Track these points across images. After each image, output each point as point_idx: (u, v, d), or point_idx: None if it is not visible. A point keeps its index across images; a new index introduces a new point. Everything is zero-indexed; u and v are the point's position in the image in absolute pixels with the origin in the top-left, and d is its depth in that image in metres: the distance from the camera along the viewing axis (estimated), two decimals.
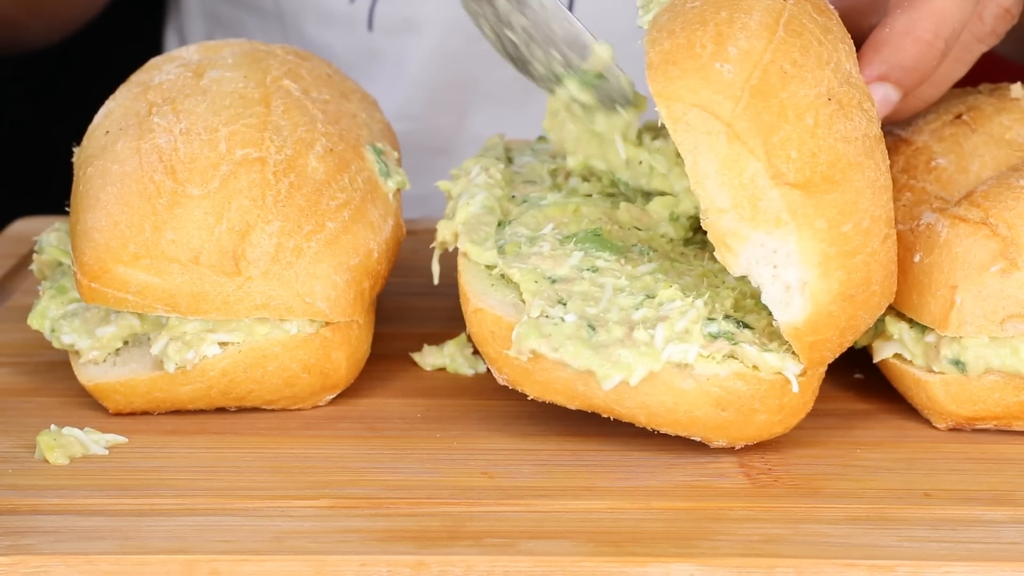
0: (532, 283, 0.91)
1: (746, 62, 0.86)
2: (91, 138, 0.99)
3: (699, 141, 0.85)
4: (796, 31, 0.88)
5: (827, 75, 0.87)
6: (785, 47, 0.87)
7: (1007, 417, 0.94)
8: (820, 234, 0.86)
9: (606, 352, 0.87)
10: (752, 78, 0.86)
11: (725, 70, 0.86)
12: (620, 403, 0.89)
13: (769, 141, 0.85)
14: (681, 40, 0.87)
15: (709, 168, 0.85)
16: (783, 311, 0.87)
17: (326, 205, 0.95)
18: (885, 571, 0.80)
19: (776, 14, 0.88)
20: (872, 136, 0.88)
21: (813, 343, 0.87)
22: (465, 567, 0.80)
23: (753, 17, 0.88)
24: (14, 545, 0.81)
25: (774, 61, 0.86)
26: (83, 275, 0.93)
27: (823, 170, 0.86)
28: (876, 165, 0.88)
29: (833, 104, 0.87)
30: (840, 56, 0.89)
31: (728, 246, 0.86)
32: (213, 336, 0.94)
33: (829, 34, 0.90)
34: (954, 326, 0.92)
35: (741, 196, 0.85)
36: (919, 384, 0.95)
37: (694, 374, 0.88)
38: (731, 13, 0.88)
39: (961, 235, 0.93)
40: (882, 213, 0.88)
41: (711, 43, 0.86)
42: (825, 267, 0.86)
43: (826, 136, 0.86)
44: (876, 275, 0.88)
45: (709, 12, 0.88)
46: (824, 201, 0.86)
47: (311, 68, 1.04)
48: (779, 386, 0.88)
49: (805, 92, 0.86)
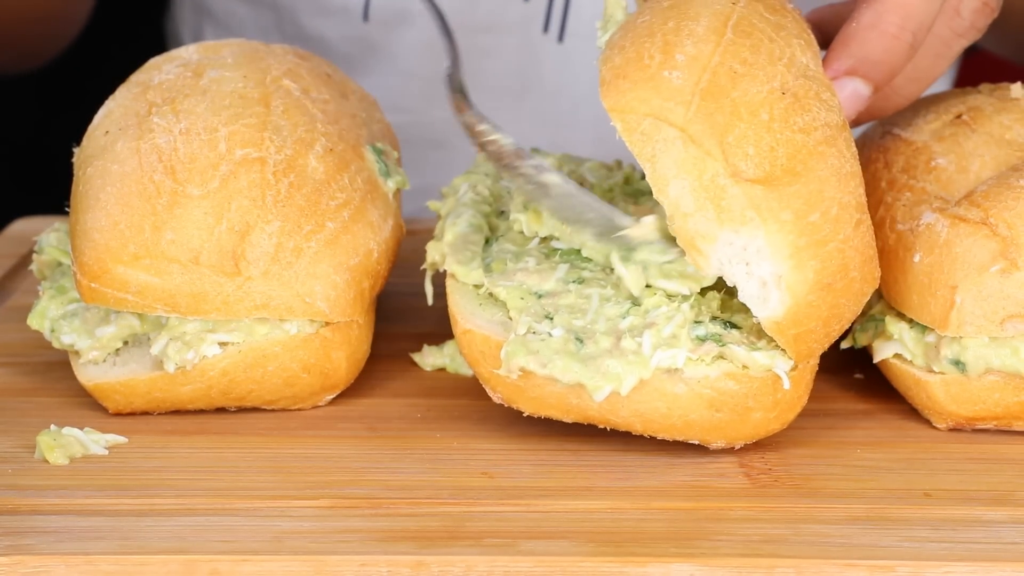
0: (518, 300, 0.91)
1: (694, 67, 0.87)
2: (91, 138, 0.99)
3: (656, 149, 0.86)
4: (745, 31, 0.89)
5: (780, 71, 0.88)
6: (734, 48, 0.88)
7: (1007, 417, 0.94)
8: (787, 226, 0.86)
9: (595, 364, 0.87)
10: (701, 82, 0.86)
11: (674, 77, 0.86)
12: (614, 413, 0.89)
13: (725, 140, 0.86)
14: (630, 54, 0.88)
15: (669, 174, 0.86)
16: (762, 307, 0.87)
17: (326, 205, 0.95)
18: (885, 571, 0.80)
19: (724, 17, 0.89)
20: (834, 125, 0.89)
21: (797, 335, 0.87)
22: (465, 567, 0.80)
23: (700, 23, 0.89)
24: (14, 545, 0.81)
25: (723, 63, 0.87)
26: (83, 275, 0.93)
27: (783, 163, 0.86)
28: (840, 153, 0.88)
29: (788, 98, 0.87)
30: (795, 51, 0.90)
31: (698, 249, 0.86)
32: (213, 336, 0.94)
33: (782, 31, 0.91)
34: (954, 326, 0.92)
35: (704, 197, 0.85)
36: (919, 384, 0.95)
37: (684, 378, 0.88)
38: (678, 22, 0.89)
39: (961, 235, 0.93)
40: (851, 200, 0.88)
41: (659, 53, 0.88)
42: (798, 258, 0.86)
43: (783, 129, 0.86)
44: (853, 261, 0.88)
45: (657, 24, 0.89)
46: (787, 193, 0.86)
47: (311, 68, 1.04)
48: (771, 383, 0.88)
49: (757, 89, 0.87)
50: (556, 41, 1.34)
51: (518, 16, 1.35)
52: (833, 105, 0.90)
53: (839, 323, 0.89)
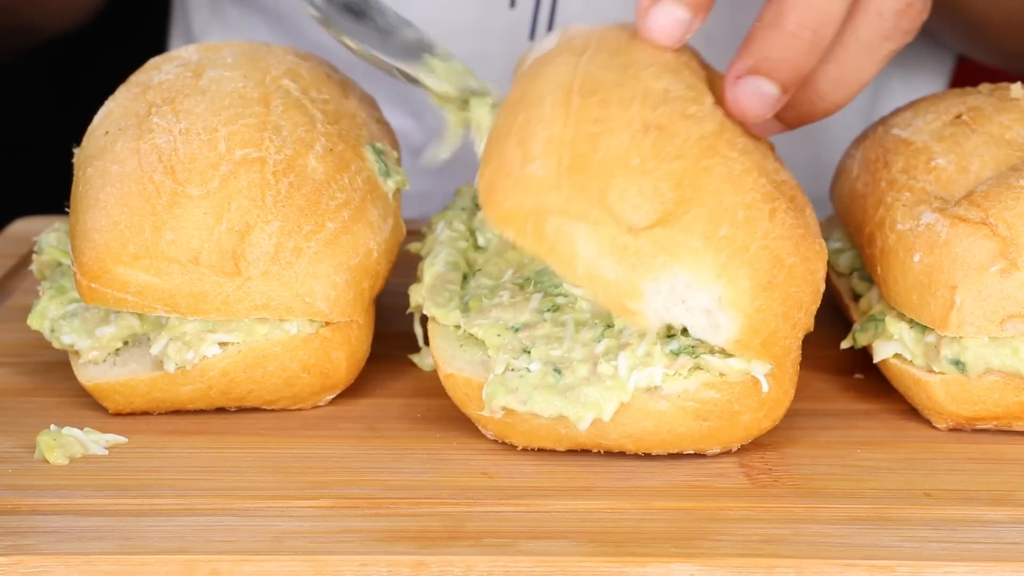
0: (495, 337, 0.92)
1: (551, 150, 0.86)
2: (91, 138, 0.99)
3: (551, 242, 0.85)
4: (591, 90, 0.88)
5: (635, 111, 0.87)
6: (583, 112, 0.87)
7: (1007, 417, 0.94)
8: (702, 251, 0.85)
9: (574, 394, 0.88)
10: (563, 161, 0.85)
11: (536, 169, 0.85)
12: (604, 437, 0.89)
13: (607, 203, 0.85)
14: (495, 163, 0.87)
15: (572, 258, 0.85)
16: (717, 334, 0.86)
17: (326, 205, 0.95)
18: (885, 571, 0.80)
19: (566, 87, 0.88)
20: (708, 134, 0.88)
21: (764, 342, 0.87)
22: (465, 567, 0.81)
23: (545, 105, 0.88)
24: (14, 545, 0.81)
25: (578, 131, 0.86)
26: (83, 275, 0.93)
27: (671, 196, 0.85)
28: (725, 158, 0.87)
29: (652, 132, 0.86)
30: (647, 82, 0.89)
31: (631, 310, 0.86)
32: (213, 336, 0.94)
33: (628, 69, 0.90)
34: (954, 326, 0.92)
35: (613, 263, 0.85)
36: (919, 384, 0.95)
37: (665, 394, 0.88)
38: (527, 112, 0.88)
39: (961, 235, 0.93)
40: (754, 196, 0.87)
41: (518, 152, 0.86)
42: (726, 274, 0.85)
43: (658, 165, 0.86)
44: (783, 250, 0.87)
45: (510, 122, 0.88)
46: (688, 222, 0.85)
47: (311, 68, 1.04)
48: (752, 384, 0.88)
49: (619, 140, 0.86)
50: None
51: (504, 23, 1.35)
52: (704, 114, 0.89)
53: (800, 310, 0.89)
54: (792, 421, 0.95)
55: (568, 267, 0.85)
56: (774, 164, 0.92)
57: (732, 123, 0.90)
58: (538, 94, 0.88)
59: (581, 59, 0.90)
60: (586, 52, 0.91)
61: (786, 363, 0.89)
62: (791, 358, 0.90)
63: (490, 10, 1.35)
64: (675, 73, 0.91)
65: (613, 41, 0.92)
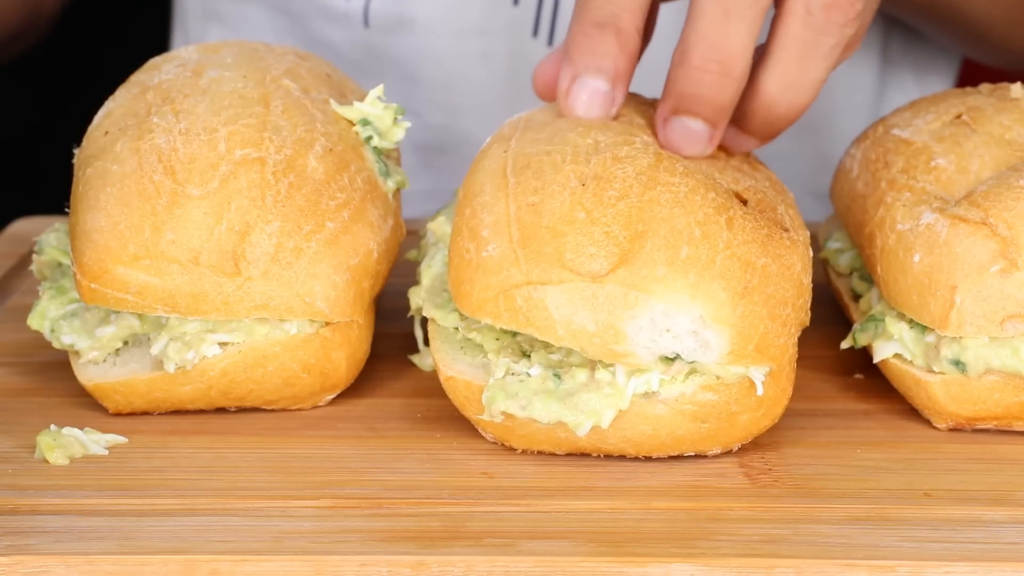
0: (494, 341, 0.92)
1: (500, 230, 0.89)
2: (90, 139, 0.99)
3: (526, 314, 0.87)
4: (523, 165, 0.91)
5: (568, 170, 0.90)
6: (521, 188, 0.90)
7: (1007, 417, 0.94)
8: (669, 278, 0.86)
9: (573, 401, 0.88)
10: (513, 236, 0.88)
11: (491, 251, 0.89)
12: (603, 441, 0.89)
13: (565, 261, 0.87)
14: (455, 259, 0.92)
15: (550, 323, 0.86)
16: (709, 353, 0.87)
17: (326, 205, 0.95)
18: (885, 571, 0.80)
19: (500, 171, 0.92)
20: (646, 167, 0.90)
21: (757, 347, 0.87)
22: (465, 567, 0.81)
23: (486, 192, 0.91)
24: (14, 545, 0.81)
25: (520, 206, 0.89)
26: (83, 276, 0.93)
27: (625, 235, 0.87)
28: (667, 184, 0.89)
29: (591, 184, 0.89)
30: (575, 142, 0.92)
31: (620, 354, 0.87)
32: (213, 336, 0.94)
33: (555, 137, 0.93)
34: (954, 326, 0.92)
35: (589, 314, 0.86)
36: (919, 384, 0.95)
37: (662, 399, 0.88)
38: (471, 205, 0.92)
39: (961, 235, 0.93)
40: (706, 212, 0.88)
41: (470, 243, 0.90)
42: (700, 293, 0.86)
43: (603, 212, 0.88)
44: (751, 253, 0.88)
45: (460, 219, 0.93)
46: (647, 254, 0.86)
47: (310, 68, 1.04)
48: (748, 385, 0.89)
49: (560, 201, 0.88)
50: (546, 45, 1.35)
51: (507, 20, 1.35)
52: (635, 152, 0.91)
53: (786, 307, 0.89)
54: (792, 421, 0.95)
55: (548, 332, 0.87)
56: (733, 175, 0.93)
57: (667, 153, 0.92)
58: (478, 185, 0.93)
59: (511, 143, 0.94)
60: (514, 136, 0.95)
61: (783, 361, 0.89)
62: (788, 356, 0.90)
63: (493, 8, 1.35)
64: (601, 128, 0.93)
65: (539, 119, 0.96)
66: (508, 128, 0.98)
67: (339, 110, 1.01)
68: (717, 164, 0.94)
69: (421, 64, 1.38)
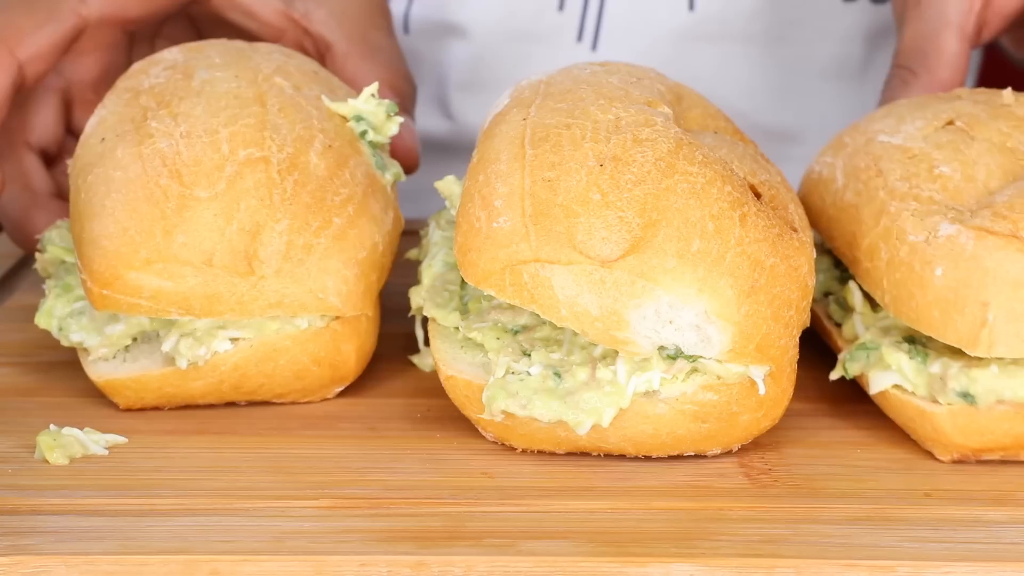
0: (495, 340, 0.92)
1: (513, 203, 0.88)
2: (85, 147, 0.99)
3: (532, 290, 0.87)
4: (542, 137, 0.90)
5: (587, 148, 0.89)
6: (538, 161, 0.89)
7: (1015, 448, 0.90)
8: (678, 269, 0.86)
9: (573, 399, 0.88)
10: (526, 210, 0.87)
11: (502, 223, 0.88)
12: (604, 440, 0.89)
13: (576, 242, 0.86)
14: (464, 226, 0.90)
15: (554, 302, 0.86)
16: (711, 348, 0.87)
17: (331, 201, 0.96)
18: (885, 571, 0.80)
19: (519, 140, 0.91)
20: (666, 153, 0.89)
21: (758, 346, 0.87)
22: (465, 567, 0.81)
23: (502, 161, 0.90)
24: (14, 545, 0.81)
25: (535, 180, 0.88)
26: (94, 283, 0.93)
27: (638, 222, 0.86)
28: (685, 173, 0.88)
29: (608, 165, 0.88)
30: (595, 117, 0.91)
31: (622, 341, 0.86)
32: (224, 332, 0.95)
33: (576, 108, 0.92)
34: (984, 346, 0.87)
35: (594, 299, 0.86)
36: (924, 415, 0.91)
37: (663, 398, 0.88)
38: (486, 172, 0.91)
39: (990, 248, 0.88)
40: (721, 205, 0.88)
41: (482, 211, 0.89)
42: (708, 288, 0.86)
43: (619, 196, 0.87)
44: (761, 252, 0.88)
45: (472, 184, 0.91)
46: (659, 244, 0.86)
47: (298, 65, 1.04)
48: (749, 385, 0.88)
49: (576, 180, 0.88)
50: (590, 50, 1.35)
51: (552, 25, 1.36)
52: (657, 136, 0.90)
53: (790, 308, 0.89)
54: (792, 421, 0.95)
55: (551, 311, 0.87)
56: (751, 166, 0.93)
57: (689, 138, 0.91)
58: (494, 152, 0.91)
59: (530, 110, 0.93)
60: (534, 102, 0.94)
61: (784, 362, 0.89)
62: (788, 357, 0.90)
63: (539, 13, 1.35)
64: (623, 101, 0.93)
65: (559, 87, 0.95)
66: (528, 91, 0.96)
67: (332, 106, 1.01)
68: (736, 151, 0.94)
69: (461, 69, 1.39)
